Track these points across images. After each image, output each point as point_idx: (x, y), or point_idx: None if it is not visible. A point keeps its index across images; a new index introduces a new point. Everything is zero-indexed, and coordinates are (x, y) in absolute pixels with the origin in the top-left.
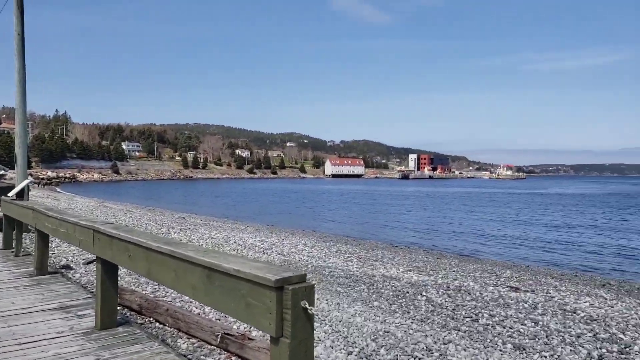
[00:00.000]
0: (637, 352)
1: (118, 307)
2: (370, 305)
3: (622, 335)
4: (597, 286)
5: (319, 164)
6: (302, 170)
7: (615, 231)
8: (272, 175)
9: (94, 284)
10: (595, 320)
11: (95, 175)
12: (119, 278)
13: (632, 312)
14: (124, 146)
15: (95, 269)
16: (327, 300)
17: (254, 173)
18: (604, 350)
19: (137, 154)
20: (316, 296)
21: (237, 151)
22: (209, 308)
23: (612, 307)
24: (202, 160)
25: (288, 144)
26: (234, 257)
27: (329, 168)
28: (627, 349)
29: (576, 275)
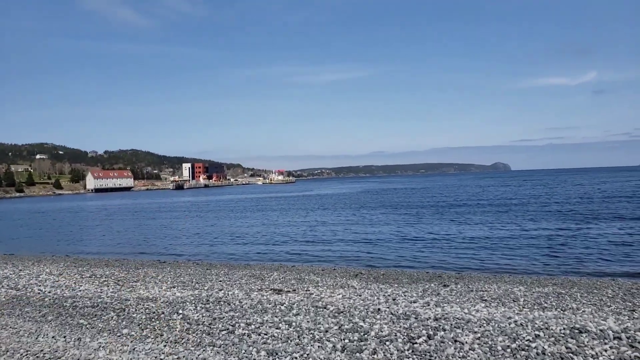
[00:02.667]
0: (373, 337)
1: None
2: (118, 334)
3: (362, 323)
4: (351, 277)
5: (78, 177)
6: (58, 186)
7: (362, 225)
8: (18, 194)
9: None
10: (342, 312)
11: None
12: None
13: (375, 299)
14: None
15: None
16: (64, 337)
17: None
18: (346, 341)
19: None
20: (51, 334)
21: None
22: None
23: (360, 295)
24: None
25: (38, 157)
26: None
27: (92, 182)
28: (366, 335)
29: (334, 269)
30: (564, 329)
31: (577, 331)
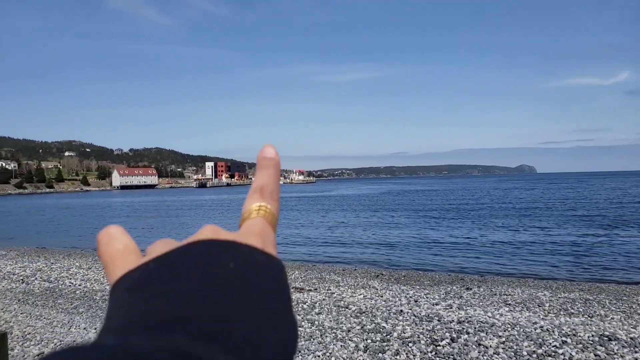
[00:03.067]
0: (395, 338)
1: None
2: None
3: (384, 324)
4: (372, 277)
5: (105, 175)
6: (85, 182)
7: (382, 226)
8: (48, 190)
9: None
10: (364, 312)
11: None
12: None
13: (396, 299)
14: None
15: None
16: (95, 328)
17: (24, 188)
18: (369, 341)
19: None
20: (83, 325)
21: None
22: None
23: (382, 296)
24: None
25: (67, 154)
26: None
27: (117, 179)
28: (388, 336)
29: (355, 269)
30: (592, 335)
31: (606, 338)
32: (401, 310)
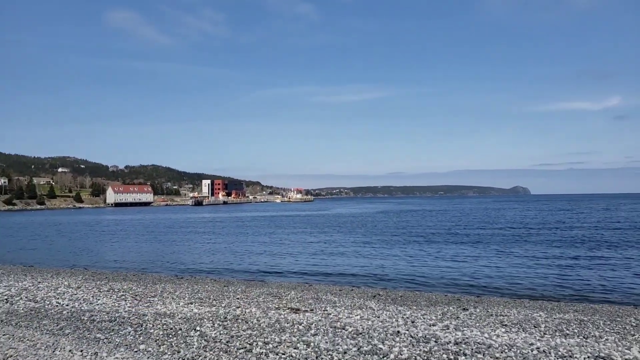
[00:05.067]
0: (392, 359)
1: None
2: (135, 349)
3: (381, 345)
4: (369, 298)
5: (99, 191)
6: (78, 199)
7: (379, 246)
8: (39, 207)
9: None
10: (360, 334)
11: None
12: None
13: (393, 320)
14: None
15: None
16: (81, 351)
17: (14, 204)
18: None
19: None
20: (68, 348)
21: None
22: None
23: (378, 317)
24: None
25: (60, 170)
26: None
27: (112, 196)
28: (385, 358)
29: (352, 289)
30: (588, 357)
31: None
32: (398, 332)
